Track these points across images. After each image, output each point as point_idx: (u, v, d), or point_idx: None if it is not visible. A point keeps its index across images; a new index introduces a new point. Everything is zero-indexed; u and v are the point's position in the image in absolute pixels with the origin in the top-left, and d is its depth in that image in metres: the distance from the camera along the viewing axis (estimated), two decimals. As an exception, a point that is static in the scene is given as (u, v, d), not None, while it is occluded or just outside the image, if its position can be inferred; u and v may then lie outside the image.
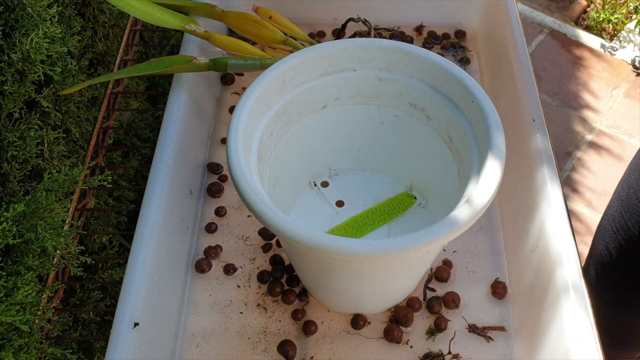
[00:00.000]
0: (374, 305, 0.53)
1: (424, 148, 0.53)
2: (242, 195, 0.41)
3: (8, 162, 0.51)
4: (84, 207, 0.61)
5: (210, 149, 0.66)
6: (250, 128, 0.46)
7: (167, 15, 0.62)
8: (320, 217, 0.56)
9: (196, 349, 0.52)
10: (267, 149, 0.49)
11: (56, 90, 0.58)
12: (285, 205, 0.55)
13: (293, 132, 0.52)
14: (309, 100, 0.51)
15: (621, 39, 1.60)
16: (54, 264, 0.52)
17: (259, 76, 0.47)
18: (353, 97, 0.52)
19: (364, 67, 0.50)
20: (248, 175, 0.42)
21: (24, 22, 0.49)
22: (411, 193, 0.57)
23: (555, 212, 0.51)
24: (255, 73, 0.68)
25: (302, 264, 0.50)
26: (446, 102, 0.48)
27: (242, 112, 0.45)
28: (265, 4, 0.67)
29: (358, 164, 0.59)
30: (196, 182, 0.62)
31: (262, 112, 0.48)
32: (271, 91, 0.48)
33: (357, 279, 0.48)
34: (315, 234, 0.39)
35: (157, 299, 0.49)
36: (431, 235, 0.39)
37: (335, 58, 0.49)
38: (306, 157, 0.55)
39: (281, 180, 0.52)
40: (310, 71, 0.49)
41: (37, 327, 0.49)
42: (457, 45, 0.75)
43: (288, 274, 0.56)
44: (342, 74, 0.50)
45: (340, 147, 0.57)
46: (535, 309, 0.50)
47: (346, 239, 0.39)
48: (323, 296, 0.53)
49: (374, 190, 0.58)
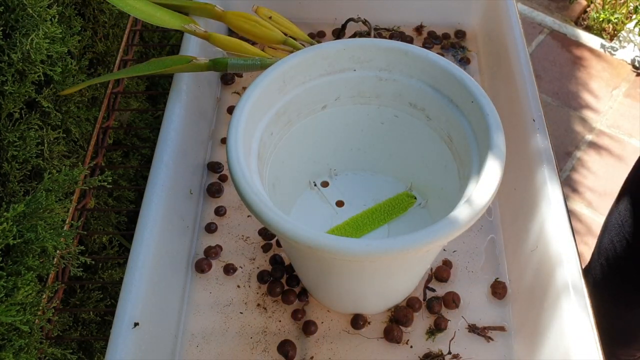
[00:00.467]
0: (374, 305, 0.53)
1: (424, 148, 0.53)
2: (242, 195, 0.41)
3: (8, 162, 0.51)
4: (84, 207, 0.61)
5: (210, 149, 0.66)
6: (250, 128, 0.46)
7: (167, 15, 0.62)
8: (320, 217, 0.56)
9: (196, 349, 0.52)
10: (267, 149, 0.49)
11: (56, 91, 0.58)
12: (285, 205, 0.55)
13: (293, 132, 0.52)
14: (309, 100, 0.51)
15: (621, 39, 1.60)
16: (54, 264, 0.52)
17: (259, 76, 0.47)
18: (353, 97, 0.52)
19: (363, 67, 0.50)
20: (248, 175, 0.42)
21: (24, 23, 0.49)
22: (411, 193, 0.57)
23: (555, 212, 0.51)
24: (256, 73, 0.68)
25: (302, 264, 0.50)
26: (446, 102, 0.48)
27: (242, 112, 0.45)
28: (265, 4, 0.67)
29: (358, 164, 0.59)
30: (196, 182, 0.62)
31: (262, 112, 0.48)
32: (271, 91, 0.48)
33: (357, 279, 0.48)
34: (315, 233, 0.39)
35: (157, 299, 0.49)
36: (431, 235, 0.39)
37: (335, 58, 0.49)
38: (306, 157, 0.55)
39: (281, 180, 0.52)
40: (310, 71, 0.49)
41: (37, 327, 0.49)
42: (457, 45, 0.75)
43: (288, 274, 0.56)
44: (342, 74, 0.51)
45: (340, 147, 0.57)
46: (535, 309, 0.50)
47: (346, 239, 0.39)
48: (323, 296, 0.53)
49: (374, 190, 0.58)
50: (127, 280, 0.48)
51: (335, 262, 0.44)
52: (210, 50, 0.66)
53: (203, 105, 0.66)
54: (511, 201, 0.59)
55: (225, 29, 0.74)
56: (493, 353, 0.52)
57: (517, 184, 0.58)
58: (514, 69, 0.62)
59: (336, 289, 0.51)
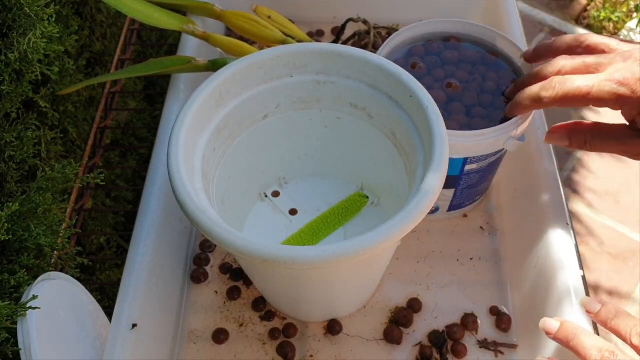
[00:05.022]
0: (346, 307, 0.52)
1: (369, 147, 0.52)
2: (189, 215, 0.40)
3: (5, 162, 0.50)
4: (81, 207, 0.61)
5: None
6: (190, 146, 0.45)
7: (165, 16, 0.62)
8: (275, 228, 0.55)
9: (195, 350, 0.52)
10: (211, 165, 0.48)
11: (54, 90, 0.58)
12: (237, 220, 0.54)
13: (236, 145, 0.51)
14: (248, 112, 0.50)
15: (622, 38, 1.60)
16: (51, 264, 0.52)
17: (193, 93, 0.46)
18: (293, 104, 0.51)
19: (300, 72, 0.50)
20: (193, 193, 0.41)
21: (21, 22, 0.49)
22: (363, 193, 0.56)
23: (556, 212, 0.51)
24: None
25: (262, 280, 0.50)
26: (385, 99, 0.48)
27: (180, 131, 0.44)
28: (265, 3, 0.67)
29: (307, 170, 0.58)
30: (195, 183, 0.61)
31: (201, 128, 0.46)
32: (208, 106, 0.47)
33: (321, 286, 0.48)
34: (268, 245, 0.38)
35: (155, 299, 0.49)
36: (384, 233, 0.38)
37: (270, 66, 0.49)
38: (253, 169, 0.55)
39: (230, 195, 0.51)
40: (246, 82, 0.48)
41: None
42: (457, 45, 0.75)
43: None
44: (279, 81, 0.50)
45: (287, 154, 0.56)
46: (536, 314, 0.50)
47: (300, 248, 0.38)
48: (291, 310, 0.53)
49: (326, 194, 0.57)
50: (125, 281, 0.47)
51: (294, 273, 0.44)
52: (209, 49, 0.66)
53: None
54: (511, 202, 0.59)
55: (223, 28, 0.74)
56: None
57: (517, 185, 0.58)
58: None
59: (303, 301, 0.51)
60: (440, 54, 0.56)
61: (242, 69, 0.48)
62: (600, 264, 1.20)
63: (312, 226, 0.54)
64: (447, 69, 0.54)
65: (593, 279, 1.18)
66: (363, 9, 0.73)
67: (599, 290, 1.17)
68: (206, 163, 0.46)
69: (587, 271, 1.17)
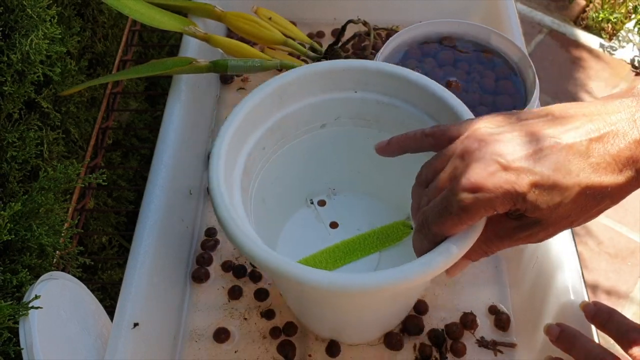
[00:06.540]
0: (349, 336, 0.52)
1: None
2: (218, 214, 0.40)
3: (8, 162, 0.51)
4: (83, 207, 0.61)
5: (209, 149, 0.66)
6: (238, 142, 0.45)
7: (166, 17, 0.62)
8: (313, 237, 0.55)
9: (196, 349, 0.52)
10: (256, 163, 0.48)
11: (56, 91, 0.58)
12: (277, 221, 0.54)
13: (289, 148, 0.51)
14: (307, 118, 0.50)
15: (620, 39, 1.61)
16: (53, 264, 0.52)
17: (254, 90, 0.47)
18: (353, 119, 0.51)
19: (363, 90, 0.49)
20: (226, 193, 0.41)
21: (23, 23, 0.49)
22: (408, 222, 0.54)
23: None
24: (253, 74, 0.68)
25: (279, 285, 0.50)
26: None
27: (230, 125, 0.44)
28: (265, 4, 0.67)
29: (357, 187, 0.57)
30: (196, 183, 0.62)
31: (253, 126, 0.47)
32: (266, 105, 0.47)
33: (327, 308, 0.47)
34: (285, 261, 0.38)
35: (156, 299, 0.49)
36: (398, 276, 0.37)
37: (336, 78, 0.49)
38: (305, 174, 0.54)
39: (274, 195, 0.51)
40: (309, 88, 0.49)
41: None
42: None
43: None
44: (342, 94, 0.50)
45: (341, 167, 0.55)
46: (535, 313, 0.50)
47: (314, 271, 0.38)
48: (302, 317, 0.53)
49: (370, 215, 0.56)
50: (127, 280, 0.48)
51: (306, 290, 0.43)
52: (210, 50, 0.66)
53: (202, 105, 0.66)
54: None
55: (224, 29, 0.74)
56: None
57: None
58: (513, 69, 0.62)
59: (311, 313, 0.51)
60: (436, 55, 0.56)
61: (306, 75, 0.48)
62: (599, 263, 1.20)
63: (348, 244, 0.53)
64: (445, 70, 0.55)
65: (591, 279, 1.18)
66: (363, 11, 0.73)
67: (597, 289, 1.17)
68: (251, 160, 0.47)
69: (586, 271, 1.18)
